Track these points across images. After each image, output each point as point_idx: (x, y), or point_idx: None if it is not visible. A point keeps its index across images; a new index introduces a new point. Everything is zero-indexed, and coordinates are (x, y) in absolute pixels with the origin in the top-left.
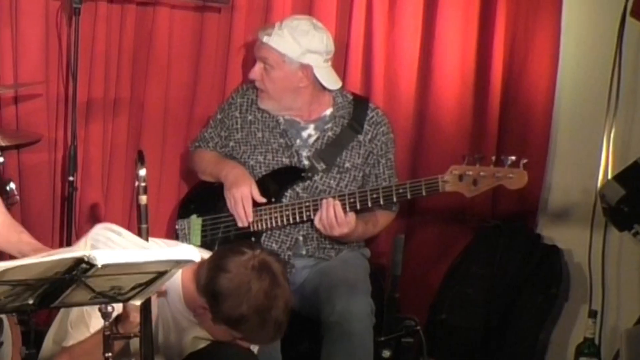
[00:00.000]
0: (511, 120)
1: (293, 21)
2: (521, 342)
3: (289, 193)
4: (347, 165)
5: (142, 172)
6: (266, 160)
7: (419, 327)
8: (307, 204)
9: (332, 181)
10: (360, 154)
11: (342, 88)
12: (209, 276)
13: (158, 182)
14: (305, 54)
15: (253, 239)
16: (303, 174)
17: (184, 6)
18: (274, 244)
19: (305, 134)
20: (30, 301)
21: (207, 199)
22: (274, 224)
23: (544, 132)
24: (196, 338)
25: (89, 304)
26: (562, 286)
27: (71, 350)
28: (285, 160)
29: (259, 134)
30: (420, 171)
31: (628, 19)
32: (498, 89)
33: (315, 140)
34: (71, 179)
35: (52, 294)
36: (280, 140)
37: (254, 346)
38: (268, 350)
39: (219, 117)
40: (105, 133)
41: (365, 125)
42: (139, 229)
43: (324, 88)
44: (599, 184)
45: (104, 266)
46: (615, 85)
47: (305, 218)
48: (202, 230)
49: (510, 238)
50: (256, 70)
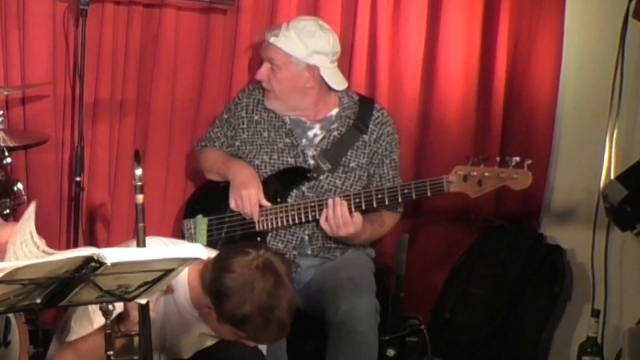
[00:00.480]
0: (514, 121)
1: (300, 22)
2: (524, 341)
3: (294, 193)
4: (353, 164)
5: (138, 172)
6: (272, 160)
7: (423, 326)
8: (313, 204)
9: (338, 181)
10: (365, 154)
11: (348, 89)
12: (213, 276)
13: (164, 182)
14: (312, 54)
15: (259, 239)
16: (309, 174)
17: (190, 8)
18: (279, 244)
19: (311, 134)
20: (38, 300)
21: (213, 199)
22: (280, 224)
23: (547, 133)
24: (202, 335)
25: (95, 302)
26: (565, 285)
27: (76, 348)
28: (291, 160)
29: (265, 134)
30: (424, 171)
31: (630, 20)
32: (501, 90)
33: (321, 140)
34: (78, 179)
35: (60, 292)
36: (286, 140)
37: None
38: (274, 349)
39: (225, 117)
40: (112, 133)
41: (370, 126)
42: (137, 228)
43: (330, 88)
44: (601, 184)
45: (113, 264)
46: (618, 86)
47: (310, 218)
48: (208, 230)
49: (514, 238)
50: (263, 71)
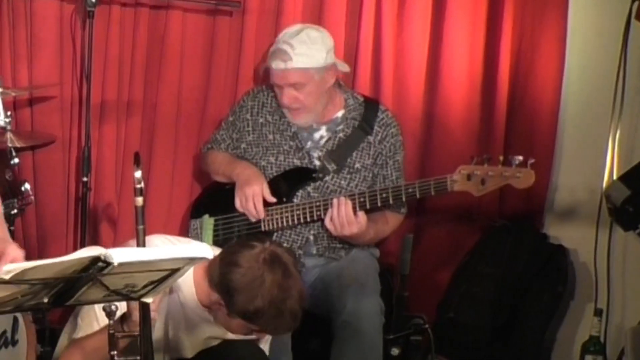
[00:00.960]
0: (518, 122)
1: (297, 35)
2: (528, 340)
3: (300, 193)
4: (357, 165)
5: (138, 174)
6: (277, 162)
7: (427, 325)
8: (318, 204)
9: (343, 181)
10: (370, 155)
11: (353, 90)
12: (221, 272)
13: (170, 183)
14: (326, 56)
15: None
16: (314, 174)
17: (196, 9)
18: (285, 244)
19: (317, 136)
20: (45, 300)
21: (219, 199)
22: (285, 224)
23: (550, 134)
24: (209, 338)
25: (102, 301)
26: (568, 285)
27: (83, 346)
28: (297, 162)
29: (270, 136)
30: (428, 171)
31: (633, 22)
32: (505, 91)
33: (327, 141)
34: (85, 179)
35: (67, 292)
36: (291, 143)
37: (265, 343)
38: (279, 348)
39: (231, 120)
40: (119, 134)
41: (375, 127)
42: (137, 230)
43: (338, 87)
44: (604, 185)
45: (120, 264)
46: (621, 87)
47: (315, 217)
48: (214, 230)
49: (517, 238)
50: (288, 97)
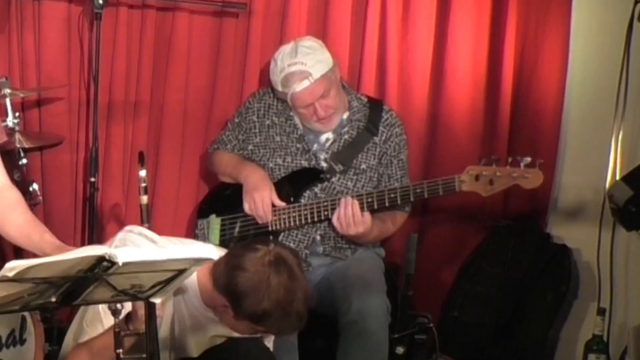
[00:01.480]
0: (522, 122)
1: (298, 51)
2: (531, 339)
3: (307, 193)
4: (363, 166)
5: (142, 173)
6: (285, 163)
7: (431, 324)
8: (325, 204)
9: (350, 182)
10: (376, 155)
11: (357, 91)
12: (227, 276)
13: (177, 183)
14: (329, 57)
15: (271, 238)
16: (322, 175)
17: (203, 11)
18: (291, 243)
19: (323, 139)
20: (53, 299)
21: (226, 199)
22: (292, 224)
23: (553, 134)
24: (214, 337)
25: (110, 301)
26: (572, 284)
27: (90, 346)
28: (304, 163)
29: (277, 138)
30: (432, 171)
31: (635, 24)
32: (509, 92)
33: (332, 144)
34: (92, 179)
35: (75, 292)
36: (298, 145)
37: (269, 340)
38: (285, 347)
39: (237, 121)
40: (126, 135)
41: (380, 127)
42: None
43: (342, 88)
44: (607, 185)
45: (125, 264)
46: (623, 88)
47: (323, 217)
48: (221, 230)
49: (521, 237)
50: (322, 108)
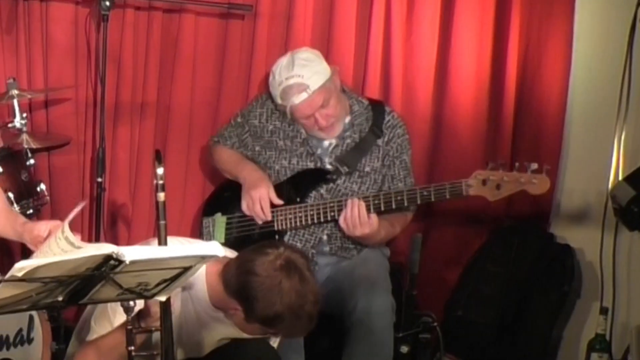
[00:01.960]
0: (525, 124)
1: (294, 63)
2: (535, 338)
3: (313, 194)
4: (367, 169)
5: (160, 171)
6: (291, 165)
7: (435, 324)
8: (332, 204)
9: (354, 185)
10: (379, 158)
11: (358, 94)
12: (239, 281)
13: (184, 182)
14: (327, 67)
15: (277, 237)
16: (328, 175)
17: (209, 13)
18: (298, 243)
19: (326, 143)
20: (60, 298)
21: (232, 198)
22: (299, 223)
23: (556, 135)
24: (222, 339)
25: (116, 300)
26: (574, 284)
27: (98, 345)
28: (310, 165)
29: (281, 142)
30: (436, 173)
31: (638, 26)
32: (512, 93)
33: (335, 148)
34: (99, 180)
35: (81, 290)
36: (302, 149)
37: (274, 341)
38: (292, 346)
39: (239, 121)
40: (133, 135)
41: (382, 129)
42: (158, 225)
43: (342, 92)
44: (610, 185)
45: (132, 262)
46: (626, 90)
47: (329, 218)
48: (227, 228)
49: (525, 237)
50: (322, 118)
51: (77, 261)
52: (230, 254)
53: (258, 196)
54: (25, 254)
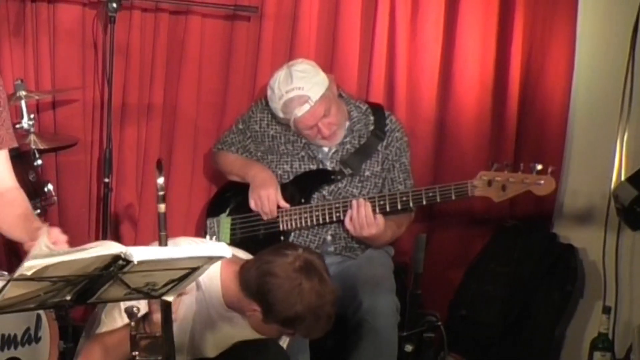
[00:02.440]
0: (528, 125)
1: (293, 76)
2: (538, 337)
3: (316, 195)
4: (367, 173)
5: (160, 181)
6: (293, 169)
7: (440, 323)
8: (337, 205)
9: (355, 190)
10: (379, 162)
11: (355, 99)
12: (258, 282)
13: (190, 183)
14: (325, 77)
15: (282, 237)
16: (332, 176)
17: (215, 15)
18: (302, 243)
19: (326, 149)
20: (68, 297)
21: (237, 198)
22: (303, 224)
23: (559, 136)
24: (234, 339)
25: (124, 299)
26: (577, 283)
27: (104, 341)
28: (312, 167)
29: (282, 147)
30: (441, 174)
31: None
32: (516, 95)
33: (334, 153)
34: (106, 180)
35: (89, 290)
36: (303, 153)
37: (284, 341)
38: (297, 346)
39: (240, 127)
40: (139, 136)
41: (385, 132)
42: (159, 236)
43: (339, 98)
44: (612, 186)
45: (140, 262)
46: (628, 91)
47: (335, 219)
48: (232, 229)
49: (528, 237)
50: (325, 127)
51: (86, 261)
52: (242, 254)
53: (266, 195)
54: None
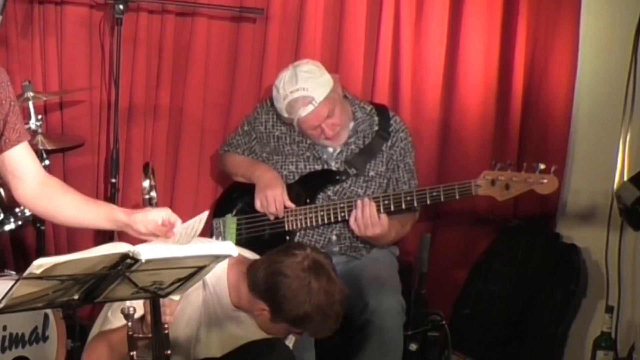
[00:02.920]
0: (532, 126)
1: (297, 77)
2: (541, 336)
3: (321, 195)
4: (372, 173)
5: (145, 184)
6: (298, 170)
7: (444, 322)
8: (342, 205)
9: (360, 190)
10: (384, 162)
11: (360, 100)
12: (267, 282)
13: (196, 183)
14: (329, 78)
15: (287, 237)
16: (337, 176)
17: (221, 16)
18: (307, 243)
19: (331, 149)
20: (75, 296)
21: (242, 199)
22: (309, 224)
23: (563, 137)
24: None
25: (131, 298)
26: (580, 283)
27: (109, 338)
28: (317, 169)
29: (288, 147)
30: (445, 174)
31: None
32: (519, 96)
33: (339, 154)
34: (113, 180)
35: (97, 289)
36: (308, 154)
37: (290, 340)
38: (303, 345)
39: (246, 129)
40: (146, 137)
41: (389, 132)
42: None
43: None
44: (615, 186)
45: (147, 261)
46: (631, 91)
47: (340, 219)
48: (237, 229)
49: (531, 237)
50: (329, 128)
51: (94, 259)
52: (249, 254)
53: (272, 195)
54: (41, 253)
